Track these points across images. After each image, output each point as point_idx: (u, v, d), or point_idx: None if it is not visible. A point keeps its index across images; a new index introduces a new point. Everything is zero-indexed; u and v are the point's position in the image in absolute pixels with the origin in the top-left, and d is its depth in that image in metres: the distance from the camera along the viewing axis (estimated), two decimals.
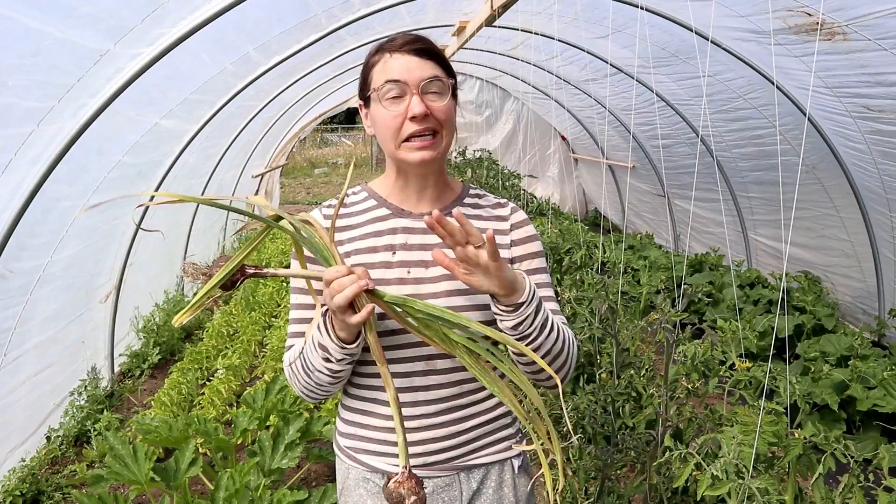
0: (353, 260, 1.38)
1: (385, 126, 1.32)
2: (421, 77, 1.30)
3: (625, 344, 3.17)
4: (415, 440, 1.39)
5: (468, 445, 1.44)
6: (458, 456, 1.43)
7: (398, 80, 1.29)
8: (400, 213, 1.43)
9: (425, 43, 1.34)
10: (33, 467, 3.67)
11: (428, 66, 1.32)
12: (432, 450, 1.41)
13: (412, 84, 1.29)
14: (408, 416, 1.38)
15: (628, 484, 2.93)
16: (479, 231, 1.33)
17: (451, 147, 7.83)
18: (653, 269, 6.73)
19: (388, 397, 1.35)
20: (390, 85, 1.30)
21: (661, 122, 6.82)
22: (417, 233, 1.41)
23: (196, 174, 6.35)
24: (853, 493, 1.99)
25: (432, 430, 1.40)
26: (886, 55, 3.46)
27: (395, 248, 1.39)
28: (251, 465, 2.90)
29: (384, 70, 1.31)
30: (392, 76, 1.30)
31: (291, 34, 4.88)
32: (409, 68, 1.30)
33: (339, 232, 1.42)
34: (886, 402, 3.72)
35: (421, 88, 1.30)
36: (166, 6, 3.12)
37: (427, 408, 1.39)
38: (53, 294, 3.88)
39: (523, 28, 5.70)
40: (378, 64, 1.34)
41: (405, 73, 1.29)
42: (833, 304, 5.31)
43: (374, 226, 1.42)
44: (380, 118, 1.33)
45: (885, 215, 4.56)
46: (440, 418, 1.40)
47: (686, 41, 4.95)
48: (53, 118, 3.05)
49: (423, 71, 1.31)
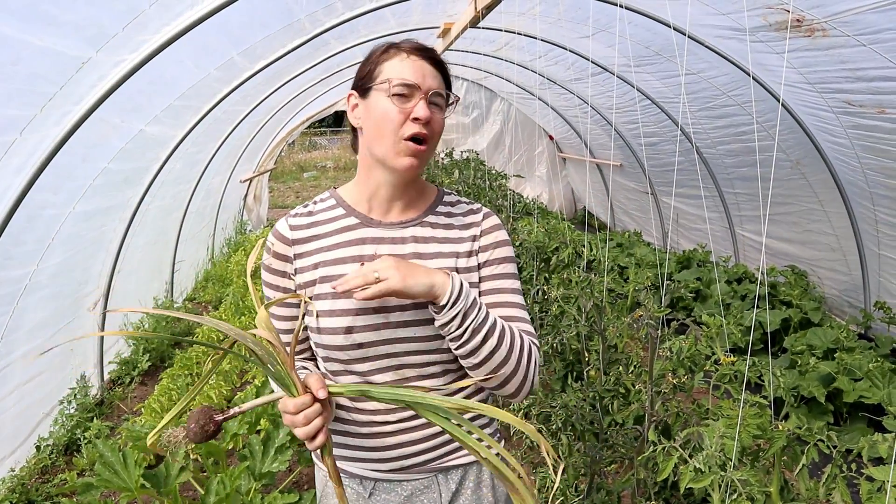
0: (320, 272, 1.35)
1: (386, 118, 1.29)
2: (432, 85, 1.31)
3: (612, 341, 3.20)
4: (392, 444, 1.38)
5: (446, 447, 1.43)
6: (436, 458, 1.42)
7: (412, 82, 1.29)
8: (368, 222, 1.40)
9: (435, 54, 1.36)
10: (23, 477, 3.66)
11: (438, 78, 1.34)
12: (410, 452, 1.40)
13: (423, 89, 1.30)
14: (385, 422, 1.37)
15: (617, 480, 2.95)
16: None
17: (439, 149, 7.86)
18: (641, 266, 6.77)
19: (353, 405, 1.38)
20: (403, 86, 1.29)
21: (647, 120, 6.86)
22: (386, 243, 1.38)
23: (183, 180, 6.33)
24: (836, 484, 2.01)
25: (409, 433, 1.39)
26: (865, 50, 3.50)
27: (364, 259, 1.36)
28: (242, 470, 2.90)
29: (400, 67, 1.30)
30: (407, 75, 1.29)
31: (276, 39, 4.88)
32: (425, 74, 1.31)
33: (306, 243, 1.39)
34: (872, 393, 3.76)
35: (428, 96, 1.30)
36: (147, 13, 3.12)
37: (402, 413, 1.37)
38: (41, 302, 3.86)
39: (507, 29, 5.73)
40: (392, 60, 1.32)
41: (420, 76, 1.30)
42: (819, 298, 5.36)
43: (342, 235, 1.39)
44: (381, 110, 1.30)
45: (869, 209, 4.61)
46: (416, 421, 1.38)
47: (669, 39, 4.98)
48: (37, 126, 3.04)
49: (435, 80, 1.33)
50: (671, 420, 2.81)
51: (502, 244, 1.45)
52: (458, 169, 7.96)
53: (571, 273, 3.78)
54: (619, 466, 3.21)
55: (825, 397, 3.90)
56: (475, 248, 1.43)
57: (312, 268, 1.36)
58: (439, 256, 1.39)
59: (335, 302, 1.33)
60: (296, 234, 1.39)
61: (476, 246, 1.43)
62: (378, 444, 1.39)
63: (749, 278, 6.04)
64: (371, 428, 1.38)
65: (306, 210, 1.44)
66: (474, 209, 1.48)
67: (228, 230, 9.89)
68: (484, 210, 1.49)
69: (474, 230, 1.44)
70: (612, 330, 3.22)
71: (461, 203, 1.50)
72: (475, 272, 1.42)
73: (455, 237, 1.42)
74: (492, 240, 1.44)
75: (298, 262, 1.38)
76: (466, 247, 1.41)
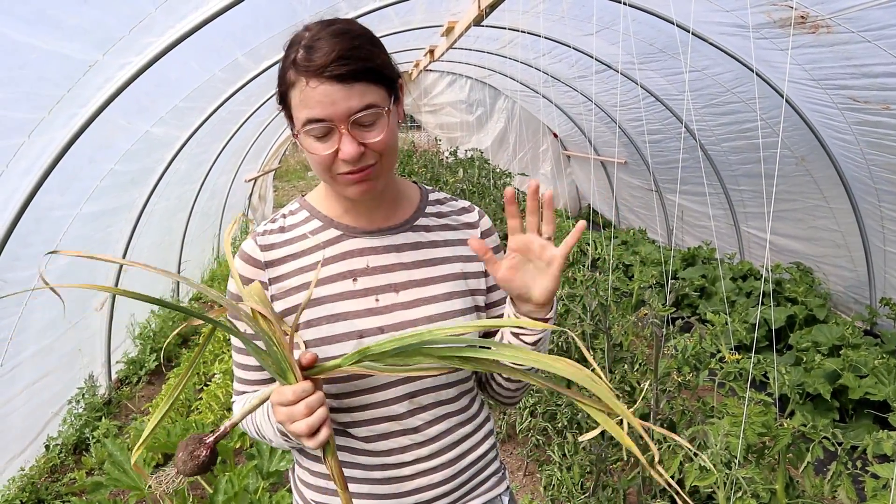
0: (304, 295, 1.16)
1: (315, 162, 1.09)
2: (348, 110, 1.04)
3: (617, 339, 3.21)
4: (408, 490, 1.22)
5: (464, 487, 1.29)
6: (453, 501, 1.28)
7: (321, 119, 1.04)
8: (352, 232, 1.22)
9: (348, 58, 1.03)
10: (32, 476, 3.69)
11: (355, 92, 1.03)
12: (427, 498, 1.24)
13: (338, 120, 1.04)
14: (400, 463, 1.21)
15: (623, 477, 2.96)
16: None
17: (444, 148, 7.84)
18: (645, 263, 6.76)
19: (358, 445, 1.21)
20: (312, 126, 1.05)
21: (651, 118, 6.86)
22: (378, 252, 1.22)
23: (188, 180, 6.36)
24: (841, 481, 2.02)
25: (428, 475, 1.23)
26: (870, 47, 3.49)
27: (356, 273, 1.19)
28: (250, 468, 2.92)
29: (303, 102, 1.05)
30: (314, 114, 1.04)
31: (280, 39, 4.81)
32: (333, 101, 1.03)
33: (282, 264, 1.20)
34: (878, 389, 3.76)
35: (350, 122, 1.05)
36: (153, 16, 3.13)
37: (419, 451, 1.22)
38: (49, 303, 3.89)
39: (511, 27, 5.73)
40: (295, 88, 1.06)
41: (328, 107, 1.03)
42: (825, 295, 5.35)
43: (325, 251, 1.20)
44: (308, 152, 1.09)
45: (874, 205, 4.60)
46: (435, 461, 1.23)
47: (673, 37, 4.98)
48: (44, 129, 3.06)
49: (350, 101, 1.03)
50: (676, 418, 2.82)
51: (500, 248, 1.34)
52: (462, 167, 7.97)
53: (576, 271, 3.79)
54: (624, 464, 3.22)
55: (830, 394, 3.90)
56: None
57: (293, 291, 1.18)
58: (445, 262, 1.26)
59: (333, 327, 1.16)
60: (269, 255, 1.20)
61: None
62: (392, 491, 1.22)
63: (754, 275, 6.03)
64: (385, 472, 1.21)
65: (276, 226, 1.23)
66: (467, 208, 1.35)
67: (233, 230, 9.91)
68: (476, 209, 1.37)
69: (475, 231, 1.33)
70: (618, 328, 3.23)
71: (450, 201, 1.35)
72: (482, 277, 1.30)
73: (456, 239, 1.29)
74: (492, 244, 1.34)
75: (274, 288, 1.19)
76: (469, 250, 1.29)
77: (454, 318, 1.21)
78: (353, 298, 1.18)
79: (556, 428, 3.39)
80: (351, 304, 1.18)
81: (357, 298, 1.18)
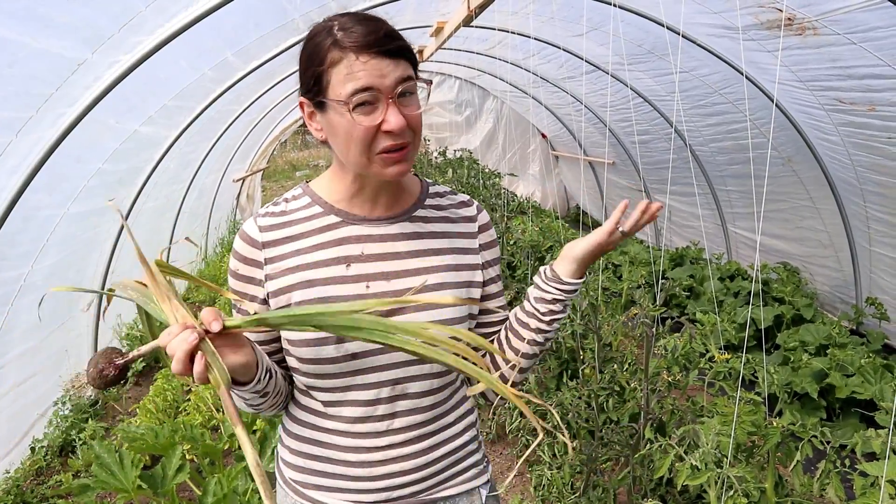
0: (298, 276, 1.21)
1: (351, 139, 1.12)
2: (397, 78, 1.10)
3: (607, 339, 3.22)
4: (379, 474, 1.26)
5: (437, 476, 1.31)
6: (426, 489, 1.30)
7: (370, 88, 1.08)
8: (351, 219, 1.25)
9: (395, 37, 1.12)
10: (18, 479, 3.65)
11: (401, 66, 1.11)
12: (398, 483, 1.27)
13: (386, 92, 1.09)
14: (370, 448, 1.25)
15: (613, 477, 2.97)
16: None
17: (433, 148, 7.86)
18: (634, 264, 6.80)
19: (335, 426, 1.26)
20: (362, 95, 1.08)
21: (640, 119, 6.89)
22: (375, 240, 1.25)
23: (176, 180, 6.33)
24: (830, 479, 2.04)
25: (399, 461, 1.26)
26: (855, 49, 3.53)
27: (350, 259, 1.22)
28: (239, 470, 2.91)
29: (350, 76, 1.08)
30: (362, 84, 1.08)
31: (269, 38, 4.88)
32: (383, 73, 1.08)
33: (279, 245, 1.24)
34: (864, 388, 3.79)
35: (396, 95, 1.10)
36: (143, 14, 3.12)
37: (394, 437, 1.25)
38: (35, 304, 3.86)
39: (500, 28, 5.74)
40: (339, 65, 1.09)
41: (378, 79, 1.08)
42: (812, 294, 5.39)
43: (322, 236, 1.24)
44: (344, 130, 1.12)
45: (860, 205, 4.64)
46: (408, 448, 1.26)
47: (661, 38, 5.01)
48: (32, 128, 3.04)
49: (398, 69, 1.10)
50: (667, 417, 2.84)
51: (497, 242, 1.40)
52: (451, 168, 7.97)
53: None
54: (615, 464, 3.23)
55: (818, 393, 3.93)
56: (475, 246, 1.34)
57: (287, 272, 1.22)
58: (440, 253, 1.28)
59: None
60: (266, 236, 1.24)
61: (476, 243, 1.35)
62: (365, 474, 1.26)
63: (742, 275, 6.08)
64: (358, 455, 1.25)
65: (278, 209, 1.27)
66: (466, 202, 1.38)
67: (221, 230, 9.87)
68: (475, 203, 1.39)
69: (472, 225, 1.35)
70: (607, 328, 3.25)
71: (449, 194, 1.38)
72: (479, 270, 1.33)
73: (454, 231, 1.32)
74: (489, 238, 1.37)
75: (269, 268, 1.23)
76: (466, 243, 1.32)
77: (441, 310, 1.24)
78: (344, 283, 1.21)
79: (544, 429, 3.40)
80: (341, 289, 1.21)
81: (348, 284, 1.22)
